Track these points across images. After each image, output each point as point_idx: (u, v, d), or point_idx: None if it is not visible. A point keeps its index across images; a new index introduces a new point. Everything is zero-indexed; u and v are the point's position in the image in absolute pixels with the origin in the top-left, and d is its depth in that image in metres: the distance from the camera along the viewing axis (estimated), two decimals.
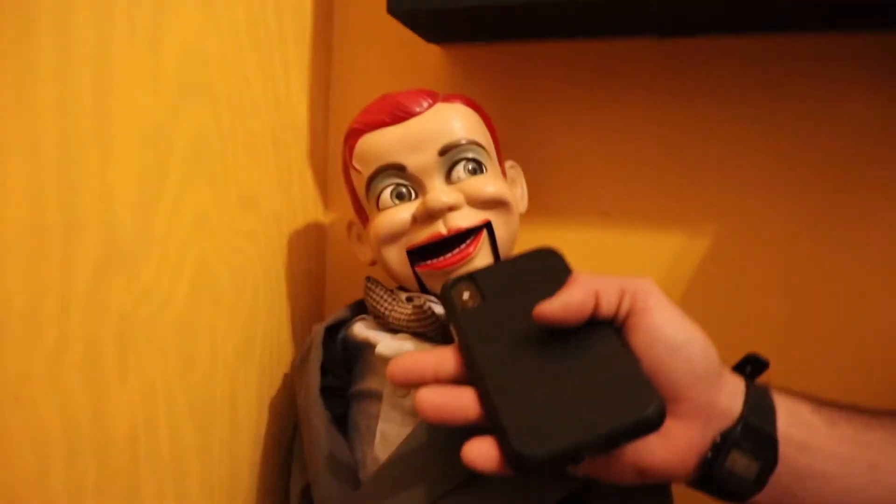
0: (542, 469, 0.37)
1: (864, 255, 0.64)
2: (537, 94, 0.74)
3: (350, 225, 0.66)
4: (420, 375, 0.42)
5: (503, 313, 0.44)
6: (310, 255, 0.78)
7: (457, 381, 0.42)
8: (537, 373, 0.41)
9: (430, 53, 0.77)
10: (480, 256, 0.57)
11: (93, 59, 0.47)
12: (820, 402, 0.43)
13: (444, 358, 0.43)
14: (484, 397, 0.40)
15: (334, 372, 0.61)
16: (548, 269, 0.46)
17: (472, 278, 0.47)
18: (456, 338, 0.45)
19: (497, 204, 0.57)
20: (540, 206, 0.67)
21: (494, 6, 0.60)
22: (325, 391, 0.58)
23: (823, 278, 0.65)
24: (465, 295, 0.47)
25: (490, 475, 0.38)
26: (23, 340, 0.44)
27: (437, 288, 0.57)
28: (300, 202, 0.75)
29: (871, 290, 0.64)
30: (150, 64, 0.53)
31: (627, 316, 0.41)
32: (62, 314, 0.46)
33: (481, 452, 0.38)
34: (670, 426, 0.39)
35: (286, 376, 0.71)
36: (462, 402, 0.40)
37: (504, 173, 0.63)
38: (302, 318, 0.75)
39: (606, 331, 0.41)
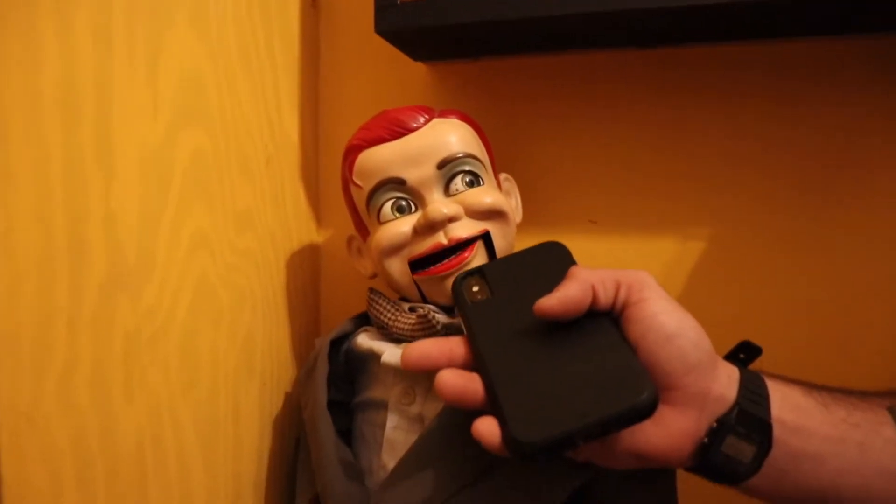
0: (539, 454, 0.39)
1: (854, 255, 0.67)
2: (522, 107, 0.76)
3: (350, 239, 0.67)
4: (434, 361, 0.44)
5: (509, 306, 0.47)
6: (304, 271, 0.79)
7: (466, 368, 0.44)
8: (537, 363, 0.43)
9: (416, 71, 0.79)
10: (476, 260, 0.58)
11: (95, 84, 0.48)
12: (811, 386, 0.44)
13: (456, 347, 0.45)
14: (487, 385, 0.42)
15: (337, 385, 0.62)
16: (553, 263, 0.48)
17: (481, 272, 0.50)
18: (464, 329, 0.47)
19: (495, 214, 0.59)
20: (527, 215, 0.68)
21: (480, 22, 0.62)
22: (329, 405, 0.59)
23: (813, 279, 0.68)
24: (475, 288, 0.49)
25: (498, 458, 0.40)
26: (34, 362, 0.44)
27: (437, 296, 0.59)
28: (294, 220, 0.76)
29: (861, 290, 0.67)
30: (149, 89, 0.54)
31: (624, 307, 0.43)
32: (70, 335, 0.47)
33: (488, 429, 0.40)
34: (665, 413, 0.41)
35: (286, 392, 0.72)
36: (475, 387, 0.42)
37: (499, 185, 0.65)
38: (299, 335, 0.76)
39: (604, 322, 0.43)
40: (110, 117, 0.50)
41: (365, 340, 0.61)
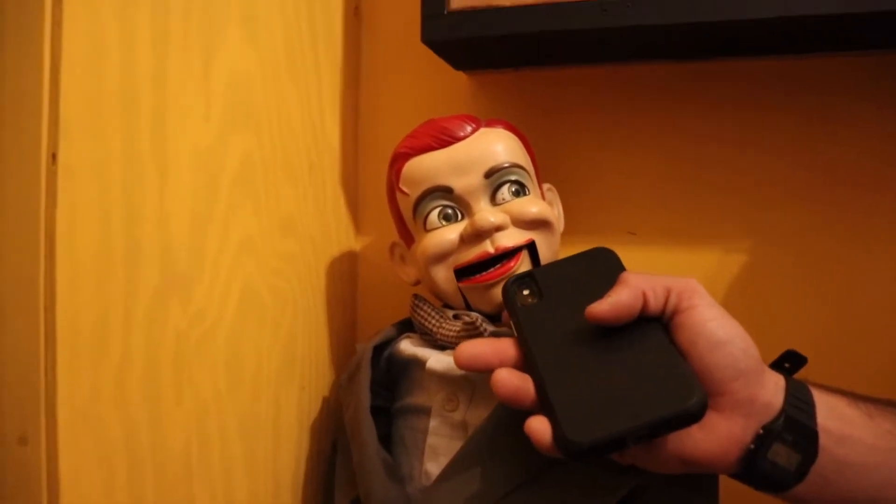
0: (588, 454, 0.39)
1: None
2: (561, 118, 0.76)
3: (393, 246, 0.68)
4: (487, 361, 0.46)
5: (559, 309, 0.47)
6: (343, 277, 0.79)
7: (517, 369, 0.45)
8: (588, 366, 0.43)
9: (457, 80, 0.79)
10: (522, 269, 0.58)
11: (152, 85, 0.50)
12: (856, 397, 0.44)
13: (508, 348, 0.47)
14: (539, 387, 0.43)
15: (377, 391, 0.63)
16: (602, 268, 0.48)
17: (532, 276, 0.50)
18: (515, 332, 0.48)
19: (540, 224, 0.59)
20: (566, 225, 0.69)
21: (526, 34, 0.63)
22: (370, 410, 0.60)
23: (853, 295, 0.67)
24: (526, 292, 0.50)
25: (547, 462, 0.41)
26: (91, 359, 0.45)
27: (482, 304, 0.59)
28: (334, 226, 0.77)
29: None
30: (203, 90, 0.55)
31: (674, 313, 0.44)
32: (125, 334, 0.48)
33: (540, 427, 0.41)
34: (713, 419, 0.41)
35: (324, 396, 0.73)
36: (528, 386, 0.44)
37: (542, 195, 0.65)
38: (336, 339, 0.77)
39: (654, 327, 0.44)
40: (165, 118, 0.51)
41: (408, 347, 0.62)
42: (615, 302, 0.43)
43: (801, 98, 0.69)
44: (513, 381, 0.43)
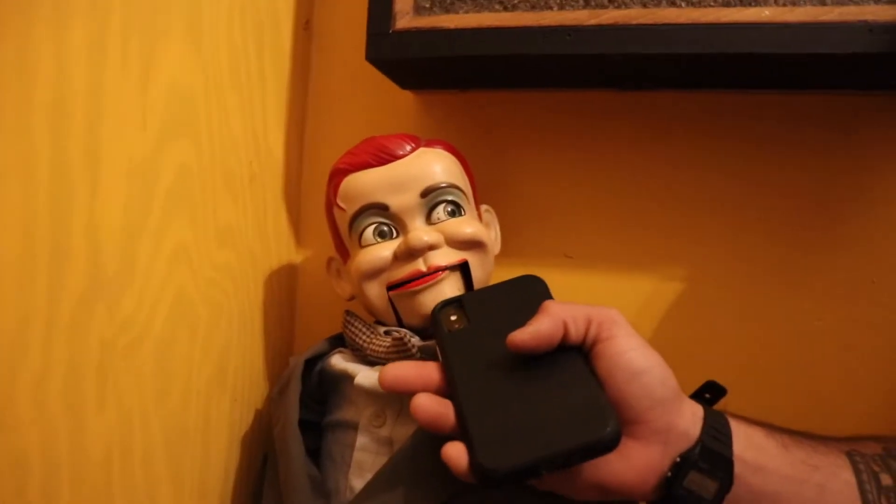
0: (502, 482, 0.40)
1: (824, 303, 0.68)
2: (505, 140, 0.77)
3: (330, 260, 0.68)
4: (410, 384, 0.46)
5: (484, 336, 0.48)
6: (281, 290, 0.79)
7: (439, 394, 0.46)
8: (507, 392, 0.44)
9: (404, 99, 0.80)
10: (450, 280, 0.59)
11: (86, 92, 0.49)
12: (772, 428, 0.46)
13: (432, 372, 0.47)
14: (458, 412, 0.44)
15: (308, 405, 0.63)
16: (530, 296, 0.50)
17: (460, 301, 0.51)
18: (440, 356, 0.48)
19: (474, 245, 0.60)
20: (504, 247, 0.69)
21: (469, 57, 0.64)
22: (300, 424, 0.59)
23: (784, 324, 0.69)
24: (453, 317, 0.51)
25: (466, 484, 0.41)
26: (9, 366, 0.44)
27: (412, 315, 0.60)
28: (274, 239, 0.77)
29: (828, 337, 0.68)
30: (139, 99, 0.54)
31: (594, 343, 0.45)
32: (46, 341, 0.47)
33: (456, 454, 0.42)
34: (630, 447, 0.42)
35: (256, 408, 0.72)
36: (448, 412, 0.44)
37: (480, 216, 0.66)
38: (272, 352, 0.76)
39: (574, 356, 0.45)
40: (100, 126, 0.50)
41: (339, 362, 0.62)
42: (535, 331, 0.44)
43: (741, 129, 0.71)
44: (432, 407, 0.44)
